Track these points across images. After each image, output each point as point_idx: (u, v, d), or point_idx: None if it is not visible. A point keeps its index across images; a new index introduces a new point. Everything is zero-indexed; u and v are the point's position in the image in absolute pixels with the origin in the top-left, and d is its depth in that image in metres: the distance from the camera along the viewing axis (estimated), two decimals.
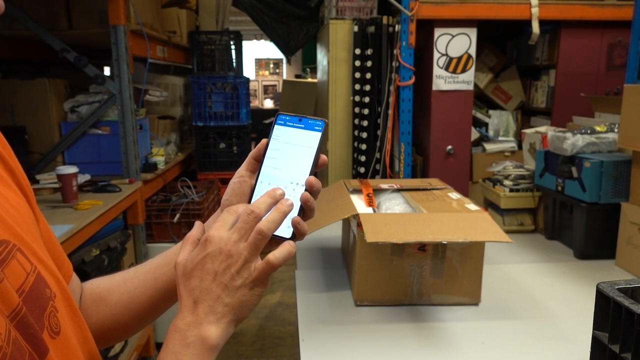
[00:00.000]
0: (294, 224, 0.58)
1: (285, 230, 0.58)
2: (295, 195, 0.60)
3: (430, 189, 1.63)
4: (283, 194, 0.58)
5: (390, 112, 2.51)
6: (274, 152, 0.63)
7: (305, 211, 0.60)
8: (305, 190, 0.60)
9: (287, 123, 0.63)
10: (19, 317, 0.44)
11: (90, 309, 0.66)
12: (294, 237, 0.59)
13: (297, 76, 7.62)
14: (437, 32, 2.38)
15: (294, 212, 0.59)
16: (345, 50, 2.67)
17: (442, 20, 2.36)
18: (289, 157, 0.62)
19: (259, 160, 0.64)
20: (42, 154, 2.34)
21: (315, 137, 0.62)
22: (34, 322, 0.45)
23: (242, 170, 0.65)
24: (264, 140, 0.64)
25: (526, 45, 2.53)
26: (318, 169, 0.62)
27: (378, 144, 2.64)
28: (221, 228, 0.55)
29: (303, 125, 0.63)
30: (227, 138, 3.33)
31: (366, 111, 2.64)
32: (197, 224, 0.62)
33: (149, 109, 3.06)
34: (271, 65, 10.86)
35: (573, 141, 1.74)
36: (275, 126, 0.64)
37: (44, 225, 0.59)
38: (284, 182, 0.61)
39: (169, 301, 0.68)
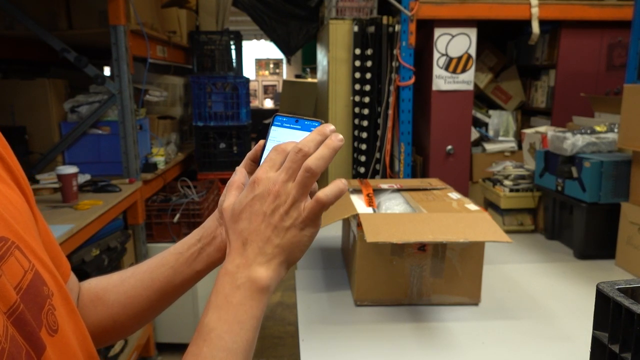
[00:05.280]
0: None
1: None
2: None
3: (430, 189, 1.63)
4: (334, 130, 0.56)
5: (390, 112, 2.51)
6: None
7: None
8: None
9: (284, 124, 0.64)
10: (16, 314, 0.44)
11: (87, 308, 0.66)
12: None
13: (297, 76, 7.61)
14: (437, 32, 2.38)
15: None
16: (345, 50, 2.67)
17: (442, 20, 2.36)
18: None
19: (257, 162, 0.64)
20: (42, 154, 2.34)
21: None
22: (31, 320, 0.45)
23: None
24: (261, 142, 0.64)
25: (526, 45, 2.53)
26: None
27: (378, 144, 2.64)
28: (269, 169, 0.54)
29: (300, 127, 0.63)
30: (227, 138, 3.32)
31: (366, 111, 2.64)
32: (239, 169, 0.61)
33: (149, 109, 3.06)
34: (271, 65, 10.86)
35: (573, 141, 1.74)
36: (273, 127, 0.64)
37: (42, 224, 0.59)
38: None
39: (167, 301, 0.68)
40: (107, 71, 3.21)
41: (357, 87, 2.63)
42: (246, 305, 0.51)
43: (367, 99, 2.62)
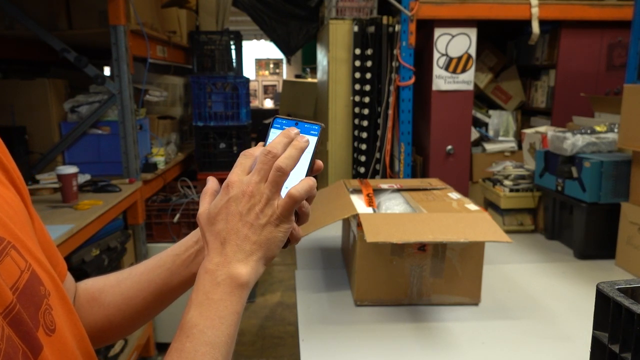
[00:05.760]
0: None
1: None
2: None
3: (430, 189, 1.63)
4: (298, 132, 0.59)
5: (390, 112, 2.51)
6: None
7: (299, 216, 0.59)
8: None
9: (284, 127, 0.63)
10: (13, 314, 0.43)
11: (84, 309, 0.66)
12: (287, 243, 0.58)
13: (297, 76, 7.60)
14: (437, 32, 2.38)
15: None
16: (345, 50, 2.67)
17: (442, 20, 2.36)
18: None
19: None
20: (42, 154, 2.34)
21: (311, 141, 0.61)
22: (28, 320, 0.45)
23: None
24: (260, 144, 0.64)
25: (526, 45, 2.53)
26: (313, 174, 0.62)
27: (378, 144, 2.64)
28: (240, 172, 0.56)
29: (299, 129, 0.62)
30: (227, 138, 3.32)
31: (366, 111, 2.64)
32: (211, 178, 0.63)
33: (149, 109, 3.06)
34: (271, 65, 10.86)
35: (573, 141, 1.74)
36: (272, 130, 0.63)
37: (38, 224, 0.59)
38: None
39: (164, 303, 0.68)
40: (107, 71, 3.21)
41: (357, 87, 2.63)
42: (227, 301, 0.53)
43: (367, 99, 2.62)
